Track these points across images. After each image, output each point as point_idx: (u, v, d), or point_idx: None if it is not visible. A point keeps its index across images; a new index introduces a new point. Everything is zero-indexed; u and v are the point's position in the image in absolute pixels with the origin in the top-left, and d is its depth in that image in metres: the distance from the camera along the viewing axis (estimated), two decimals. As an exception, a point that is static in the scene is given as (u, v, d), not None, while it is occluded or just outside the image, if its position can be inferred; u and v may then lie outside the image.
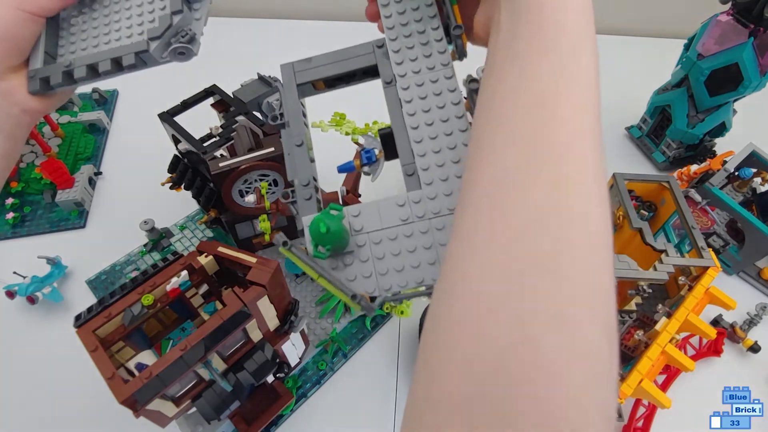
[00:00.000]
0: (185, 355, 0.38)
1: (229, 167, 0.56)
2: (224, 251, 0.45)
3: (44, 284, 0.64)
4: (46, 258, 0.65)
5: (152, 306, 0.42)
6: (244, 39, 1.08)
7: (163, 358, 0.38)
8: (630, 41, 1.15)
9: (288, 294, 0.49)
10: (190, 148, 0.60)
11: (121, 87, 0.98)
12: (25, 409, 0.57)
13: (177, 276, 0.43)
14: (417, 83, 0.36)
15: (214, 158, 0.58)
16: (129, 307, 0.41)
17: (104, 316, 0.40)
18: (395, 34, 0.37)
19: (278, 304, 0.46)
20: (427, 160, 0.33)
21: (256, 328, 0.45)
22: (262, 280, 0.42)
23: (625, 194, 0.64)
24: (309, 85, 0.38)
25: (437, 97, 0.36)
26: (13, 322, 0.64)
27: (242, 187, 0.60)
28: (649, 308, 0.63)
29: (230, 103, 0.64)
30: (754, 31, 0.66)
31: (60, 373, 0.58)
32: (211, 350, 0.40)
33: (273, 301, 0.44)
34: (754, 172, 0.71)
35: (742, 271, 0.70)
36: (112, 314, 0.40)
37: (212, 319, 0.40)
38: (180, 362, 0.38)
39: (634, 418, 0.55)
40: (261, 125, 0.61)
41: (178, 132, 0.61)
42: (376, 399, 0.57)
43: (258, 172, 0.59)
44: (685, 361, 0.51)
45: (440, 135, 0.34)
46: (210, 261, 0.46)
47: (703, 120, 0.76)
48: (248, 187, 0.60)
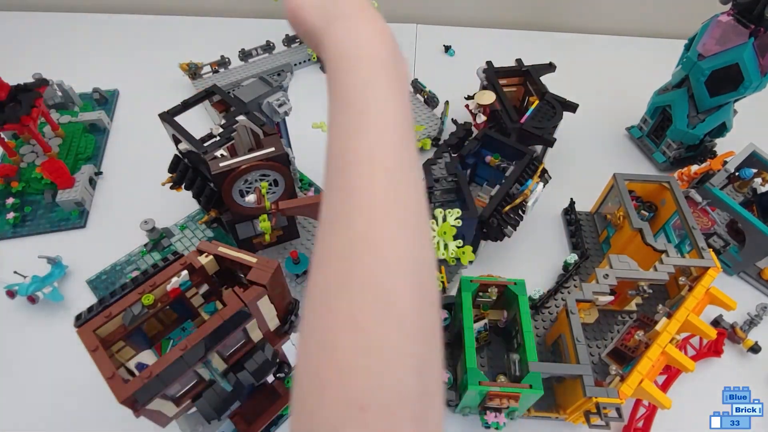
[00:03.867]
0: (185, 355, 0.38)
1: (229, 167, 0.56)
2: (224, 251, 0.45)
3: (45, 284, 0.64)
4: (46, 258, 0.65)
5: (152, 306, 0.42)
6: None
7: (163, 358, 0.38)
8: (630, 41, 1.16)
9: (288, 294, 0.49)
10: (190, 148, 0.60)
11: (121, 87, 0.98)
12: (25, 408, 0.57)
13: (177, 276, 0.43)
14: None
15: (215, 158, 0.58)
16: (129, 307, 0.41)
17: (104, 315, 0.40)
18: None
19: (278, 303, 0.46)
20: None
21: (256, 328, 0.45)
22: (263, 280, 0.42)
23: (625, 194, 0.64)
24: None
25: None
26: (13, 321, 0.64)
27: (243, 187, 0.60)
28: (650, 309, 0.63)
29: (230, 102, 0.64)
30: (755, 31, 0.66)
31: (60, 373, 0.59)
32: (211, 350, 0.40)
33: (273, 300, 0.44)
34: (755, 173, 0.71)
35: (742, 271, 0.70)
36: (112, 314, 0.40)
37: (212, 319, 0.40)
38: (180, 362, 0.38)
39: (635, 418, 0.55)
40: (261, 125, 0.61)
41: (178, 132, 0.61)
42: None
43: (258, 172, 0.58)
44: (686, 361, 0.51)
45: None
46: (210, 261, 0.46)
47: (703, 120, 0.76)
48: (248, 187, 0.60)
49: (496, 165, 0.70)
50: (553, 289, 0.66)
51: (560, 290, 0.66)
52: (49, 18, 1.18)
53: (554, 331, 0.59)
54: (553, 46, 1.13)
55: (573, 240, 0.73)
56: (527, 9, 1.20)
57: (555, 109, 0.75)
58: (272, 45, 1.04)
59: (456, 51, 1.11)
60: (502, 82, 0.80)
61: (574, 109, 0.76)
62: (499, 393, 0.48)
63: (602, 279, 0.54)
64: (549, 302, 0.65)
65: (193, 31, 1.15)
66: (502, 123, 0.74)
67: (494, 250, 0.71)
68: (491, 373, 0.58)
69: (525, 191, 0.62)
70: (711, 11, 0.72)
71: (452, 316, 0.61)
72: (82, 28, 1.15)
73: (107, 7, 1.22)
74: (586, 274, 0.68)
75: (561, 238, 0.75)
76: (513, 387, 0.48)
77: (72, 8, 1.21)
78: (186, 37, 1.12)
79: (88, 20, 1.18)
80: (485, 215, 0.59)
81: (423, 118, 0.88)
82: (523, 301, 0.53)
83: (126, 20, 1.18)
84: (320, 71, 1.04)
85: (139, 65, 1.05)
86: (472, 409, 0.54)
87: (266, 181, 0.60)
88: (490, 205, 0.60)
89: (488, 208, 0.60)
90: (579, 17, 1.20)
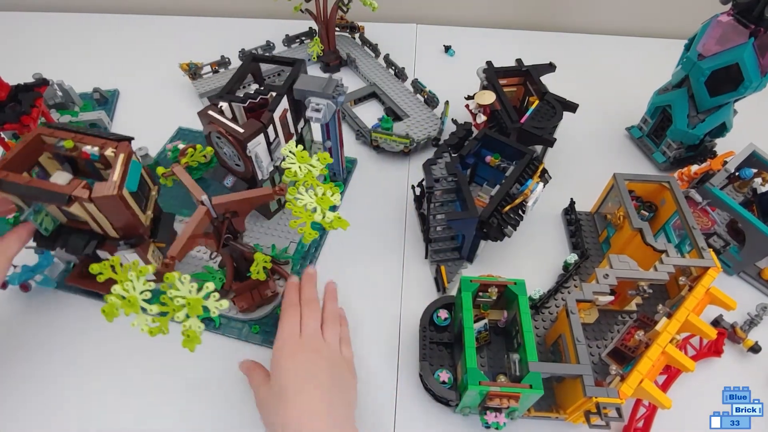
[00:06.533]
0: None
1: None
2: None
3: (35, 273, 0.64)
4: (33, 248, 0.65)
5: (72, 149, 0.54)
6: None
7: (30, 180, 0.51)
8: (630, 41, 1.16)
9: (134, 227, 0.55)
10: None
11: (121, 87, 0.98)
12: (25, 393, 0.57)
13: (95, 147, 0.54)
14: None
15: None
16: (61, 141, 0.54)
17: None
18: None
19: (115, 222, 0.54)
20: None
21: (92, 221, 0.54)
22: (98, 193, 0.49)
23: (625, 194, 0.64)
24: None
25: None
26: (9, 311, 0.64)
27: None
28: (650, 309, 0.63)
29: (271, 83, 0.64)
30: (755, 31, 0.66)
31: (58, 356, 0.60)
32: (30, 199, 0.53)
33: (108, 217, 0.53)
34: (755, 173, 0.71)
35: (742, 271, 0.70)
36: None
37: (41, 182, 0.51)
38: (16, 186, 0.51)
39: (635, 418, 0.55)
40: (244, 102, 0.62)
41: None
42: (377, 399, 0.57)
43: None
44: (686, 361, 0.51)
45: None
46: (115, 157, 0.53)
47: (703, 120, 0.76)
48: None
49: (496, 165, 0.70)
50: (553, 289, 0.66)
51: (560, 290, 0.66)
52: (49, 18, 1.18)
53: (554, 331, 0.59)
54: (553, 46, 1.13)
55: (573, 240, 0.73)
56: (527, 9, 1.20)
57: (555, 109, 0.75)
58: (272, 45, 1.05)
59: (456, 51, 1.11)
60: (502, 82, 0.80)
61: (574, 109, 0.76)
62: (500, 393, 0.48)
63: (602, 279, 0.54)
64: (549, 302, 0.65)
65: (193, 31, 1.15)
66: (502, 123, 0.74)
67: (494, 250, 0.71)
68: (491, 373, 0.58)
69: (525, 191, 0.62)
70: (711, 11, 0.72)
71: (452, 316, 0.61)
72: (83, 28, 1.15)
73: (107, 7, 1.22)
74: (586, 274, 0.68)
75: (561, 238, 0.75)
76: (513, 387, 0.48)
77: (72, 8, 1.21)
78: (186, 37, 1.12)
79: (89, 20, 1.18)
80: (485, 215, 0.59)
81: (423, 118, 0.88)
82: (523, 301, 0.53)
83: (126, 20, 1.18)
84: (320, 71, 1.05)
85: (139, 65, 1.05)
86: (472, 409, 0.54)
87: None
88: (490, 205, 0.60)
89: (488, 208, 0.60)
90: (579, 17, 1.20)
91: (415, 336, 0.62)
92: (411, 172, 0.83)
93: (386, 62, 1.02)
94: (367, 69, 1.02)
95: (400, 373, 0.60)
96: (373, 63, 1.03)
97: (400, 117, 0.90)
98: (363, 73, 1.01)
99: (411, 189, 0.78)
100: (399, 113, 0.91)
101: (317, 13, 0.97)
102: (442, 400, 0.55)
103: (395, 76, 0.99)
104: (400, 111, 0.91)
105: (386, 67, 1.02)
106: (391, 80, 0.98)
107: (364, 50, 1.07)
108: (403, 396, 0.58)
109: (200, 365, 0.59)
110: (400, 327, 0.64)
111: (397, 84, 0.97)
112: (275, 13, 1.19)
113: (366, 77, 1.00)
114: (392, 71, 1.00)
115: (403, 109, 0.91)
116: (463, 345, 0.51)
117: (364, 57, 1.05)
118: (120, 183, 0.50)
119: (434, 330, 0.60)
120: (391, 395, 0.58)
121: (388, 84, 0.97)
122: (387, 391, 0.58)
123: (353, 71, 1.05)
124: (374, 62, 1.03)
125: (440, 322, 0.60)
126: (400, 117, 0.90)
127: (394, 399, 0.58)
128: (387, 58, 1.02)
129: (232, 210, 0.54)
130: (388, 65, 1.02)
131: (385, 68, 1.02)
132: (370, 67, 1.02)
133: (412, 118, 0.89)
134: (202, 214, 0.51)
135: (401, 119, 0.89)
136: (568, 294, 0.63)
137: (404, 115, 0.90)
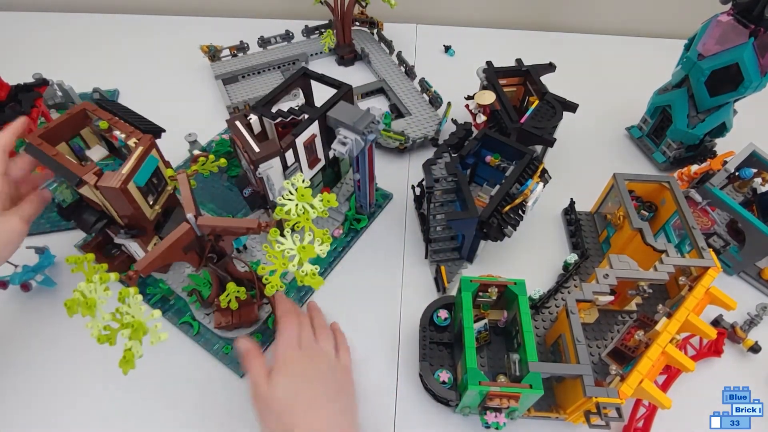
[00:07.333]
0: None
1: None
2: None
3: (36, 272, 0.64)
4: (34, 248, 0.66)
5: (107, 130, 0.55)
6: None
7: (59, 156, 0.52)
8: (630, 41, 1.16)
9: (137, 219, 0.54)
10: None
11: (121, 86, 0.98)
12: (25, 393, 0.57)
13: (126, 134, 0.54)
14: None
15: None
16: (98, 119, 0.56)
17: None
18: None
19: (119, 211, 0.54)
20: None
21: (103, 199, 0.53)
22: (104, 183, 0.50)
23: (625, 194, 0.64)
24: None
25: None
26: (10, 310, 0.64)
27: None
28: (650, 308, 0.63)
29: (305, 110, 0.61)
30: (755, 31, 0.66)
31: (58, 355, 0.60)
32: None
33: (113, 205, 0.53)
34: (755, 173, 0.71)
35: (742, 271, 0.70)
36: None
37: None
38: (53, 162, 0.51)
39: (635, 418, 0.55)
40: (275, 119, 0.61)
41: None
42: (377, 399, 0.57)
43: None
44: (686, 361, 0.51)
45: None
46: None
47: (703, 120, 0.76)
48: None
49: (496, 165, 0.70)
50: (553, 289, 0.66)
51: (560, 290, 0.66)
52: (49, 18, 1.18)
53: (554, 331, 0.59)
54: (553, 46, 1.13)
55: (573, 240, 0.73)
56: (527, 9, 1.20)
57: (555, 109, 0.75)
58: (291, 34, 1.06)
59: (456, 51, 1.11)
60: (502, 82, 0.80)
61: (574, 109, 0.76)
62: (500, 393, 0.48)
63: (602, 279, 0.54)
64: (549, 302, 0.65)
65: (193, 31, 1.15)
66: (502, 123, 0.74)
67: (494, 250, 0.71)
68: (491, 373, 0.58)
69: (525, 191, 0.62)
70: (711, 11, 0.72)
71: (452, 316, 0.61)
72: (83, 28, 1.15)
73: (108, 7, 1.22)
74: (586, 274, 0.68)
75: (561, 238, 0.75)
76: (513, 387, 0.48)
77: (72, 8, 1.21)
78: (186, 37, 1.12)
79: (88, 20, 1.18)
80: (485, 215, 0.59)
81: (425, 118, 0.88)
82: (523, 301, 0.53)
83: (126, 20, 1.18)
84: (335, 63, 1.07)
85: (139, 65, 1.05)
86: (472, 409, 0.54)
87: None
88: (490, 205, 0.60)
89: (488, 208, 0.60)
90: (579, 17, 1.20)
91: (415, 336, 0.62)
92: (411, 172, 0.83)
93: (398, 60, 1.03)
94: (380, 65, 1.02)
95: (400, 373, 0.60)
96: (386, 59, 1.04)
97: (403, 114, 0.90)
98: (375, 68, 1.02)
99: (411, 189, 0.78)
100: (402, 110, 0.91)
101: (334, 6, 0.98)
102: (442, 400, 0.55)
103: (405, 74, 1.00)
104: (403, 108, 0.91)
105: (398, 65, 1.02)
106: (400, 77, 0.99)
107: (380, 46, 1.08)
108: (403, 396, 0.58)
109: (201, 366, 0.59)
110: (400, 327, 0.64)
111: (405, 82, 0.98)
112: (274, 13, 1.20)
113: (377, 72, 1.01)
114: (403, 69, 1.01)
115: (407, 107, 0.91)
116: (463, 345, 0.51)
117: (378, 53, 1.06)
118: (127, 177, 0.50)
119: (434, 330, 0.60)
120: (391, 395, 0.58)
121: (397, 81, 0.98)
122: (387, 390, 0.58)
123: (366, 65, 1.06)
124: (387, 59, 1.04)
125: (440, 322, 0.60)
126: (402, 114, 0.91)
127: (394, 399, 0.58)
128: (399, 55, 1.02)
129: (216, 234, 0.51)
130: (399, 63, 1.02)
131: (397, 65, 1.02)
132: (383, 63, 1.03)
133: (414, 117, 0.89)
134: (183, 231, 0.47)
135: (403, 116, 0.90)
136: (568, 294, 0.63)
137: (407, 112, 0.90)
